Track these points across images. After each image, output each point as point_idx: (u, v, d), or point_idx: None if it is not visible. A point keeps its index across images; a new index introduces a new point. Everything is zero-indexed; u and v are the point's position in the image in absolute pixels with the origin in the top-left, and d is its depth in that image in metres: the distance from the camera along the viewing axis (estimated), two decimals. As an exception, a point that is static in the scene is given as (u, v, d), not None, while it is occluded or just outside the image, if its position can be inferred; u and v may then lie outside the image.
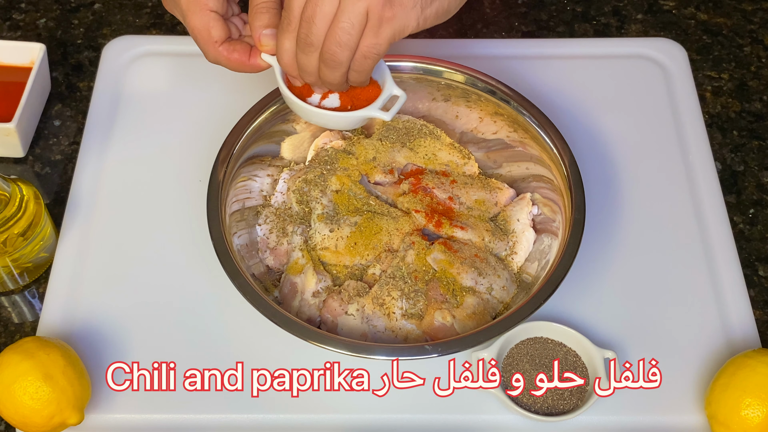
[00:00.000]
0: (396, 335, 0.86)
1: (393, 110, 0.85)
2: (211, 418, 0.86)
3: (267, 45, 0.84)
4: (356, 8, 0.75)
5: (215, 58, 0.86)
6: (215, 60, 0.86)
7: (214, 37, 0.84)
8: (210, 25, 0.83)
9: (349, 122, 0.86)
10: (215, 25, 0.84)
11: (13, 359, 0.81)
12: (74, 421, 0.81)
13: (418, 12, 0.77)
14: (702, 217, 0.98)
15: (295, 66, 0.81)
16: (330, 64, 0.78)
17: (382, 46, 0.78)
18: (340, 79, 0.80)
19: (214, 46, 0.85)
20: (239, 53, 0.85)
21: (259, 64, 0.86)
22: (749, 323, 0.91)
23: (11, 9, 1.17)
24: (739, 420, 0.81)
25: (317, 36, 0.77)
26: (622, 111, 1.06)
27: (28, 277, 0.94)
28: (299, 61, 0.80)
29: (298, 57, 0.80)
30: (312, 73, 0.80)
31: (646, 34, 1.15)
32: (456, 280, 0.88)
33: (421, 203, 0.93)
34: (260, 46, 0.84)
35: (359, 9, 0.75)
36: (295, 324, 0.82)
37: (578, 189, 0.89)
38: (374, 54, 0.78)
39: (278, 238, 0.93)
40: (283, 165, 0.99)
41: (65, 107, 1.08)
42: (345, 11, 0.75)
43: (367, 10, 0.75)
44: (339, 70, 0.79)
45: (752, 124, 1.08)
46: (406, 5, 0.77)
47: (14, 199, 0.88)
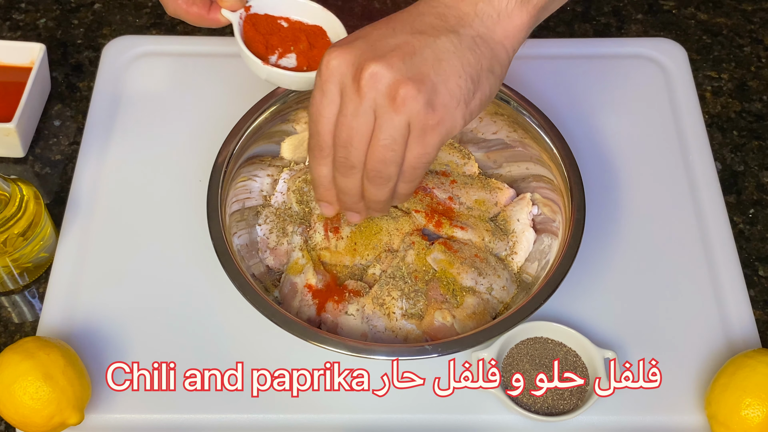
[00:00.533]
0: (396, 335, 0.86)
1: None
2: (211, 418, 0.86)
3: (227, 1, 0.83)
4: (395, 122, 0.69)
5: (174, 10, 0.85)
6: (174, 12, 0.85)
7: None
8: None
9: (305, 82, 0.86)
10: None
11: (13, 359, 0.81)
12: (74, 421, 0.81)
13: (462, 109, 0.71)
14: (702, 217, 0.98)
15: (334, 192, 0.76)
16: (376, 182, 0.73)
17: (431, 154, 0.71)
18: (388, 195, 0.74)
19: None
20: (198, 7, 0.84)
21: (219, 19, 0.85)
22: (749, 323, 0.91)
23: (11, 9, 1.17)
24: (739, 420, 0.81)
25: (358, 157, 0.72)
26: (622, 111, 1.06)
27: (28, 277, 0.94)
28: (340, 185, 0.75)
29: (338, 181, 0.75)
30: (355, 194, 0.75)
31: (646, 34, 1.15)
32: (456, 280, 0.88)
33: (421, 203, 0.93)
34: (221, 2, 0.83)
35: (399, 122, 0.69)
36: (295, 324, 0.82)
37: (578, 189, 0.89)
38: (424, 163, 0.72)
39: (278, 238, 0.93)
40: (283, 165, 0.99)
41: (65, 107, 1.08)
42: (383, 127, 0.69)
43: (408, 122, 0.69)
44: (387, 186, 0.73)
45: (752, 124, 1.08)
46: (449, 106, 0.70)
47: (14, 199, 0.88)
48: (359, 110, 0.70)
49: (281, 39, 0.88)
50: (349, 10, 1.17)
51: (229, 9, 0.84)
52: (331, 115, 0.72)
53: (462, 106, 0.71)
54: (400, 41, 0.70)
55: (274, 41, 0.87)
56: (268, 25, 0.88)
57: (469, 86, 0.71)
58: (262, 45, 0.86)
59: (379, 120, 0.70)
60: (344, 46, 0.71)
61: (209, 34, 1.12)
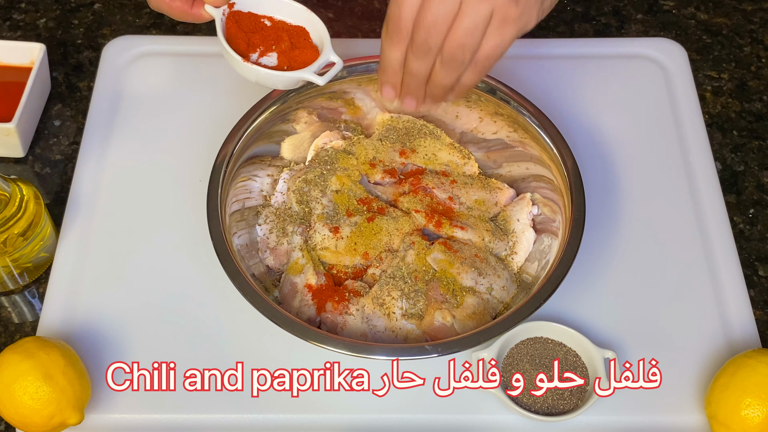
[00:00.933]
0: (396, 335, 0.86)
1: (327, 76, 0.86)
2: (211, 418, 0.86)
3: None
4: (480, 8, 0.72)
5: (157, 5, 0.85)
6: (158, 7, 0.85)
7: None
8: None
9: (284, 82, 0.86)
10: None
11: (13, 359, 0.81)
12: (74, 421, 0.81)
13: (539, 7, 0.75)
14: (702, 217, 0.98)
15: (400, 76, 0.79)
16: (449, 66, 0.75)
17: (506, 45, 0.75)
18: (453, 82, 0.77)
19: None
20: (181, 1, 0.84)
21: (202, 15, 0.85)
22: (749, 323, 0.91)
23: (11, 9, 1.17)
24: (739, 420, 0.81)
25: (437, 41, 0.74)
26: (622, 111, 1.06)
27: (28, 277, 0.94)
28: (412, 67, 0.77)
29: (410, 64, 0.77)
30: (423, 78, 0.78)
31: (646, 34, 1.15)
32: (456, 280, 0.88)
33: (421, 203, 0.93)
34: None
35: (484, 9, 0.72)
36: (295, 324, 0.82)
37: (578, 189, 0.89)
38: (498, 53, 0.75)
39: (278, 238, 0.93)
40: (283, 165, 0.99)
41: (65, 107, 1.08)
42: (468, 12, 0.72)
43: (492, 10, 0.72)
44: (457, 71, 0.76)
45: (752, 124, 1.08)
46: (529, 2, 0.74)
47: (14, 199, 0.88)
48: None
49: (263, 37, 0.88)
50: (349, 10, 1.17)
51: (213, 5, 0.84)
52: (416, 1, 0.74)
53: (538, 5, 0.75)
54: None
55: (256, 39, 0.88)
56: (251, 23, 0.88)
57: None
58: (243, 42, 0.87)
59: (464, 6, 0.72)
60: None
61: (209, 34, 1.12)
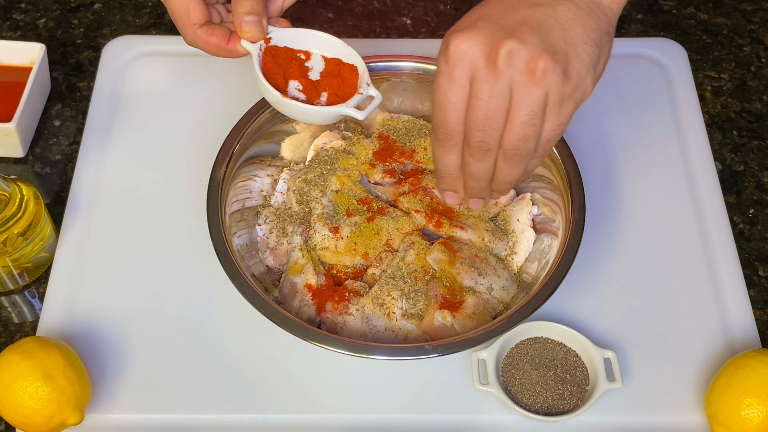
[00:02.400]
0: (396, 335, 0.86)
1: (368, 110, 0.84)
2: (211, 418, 0.86)
3: (248, 32, 0.82)
4: (534, 96, 0.68)
5: (193, 40, 0.84)
6: (193, 42, 0.84)
7: (193, 20, 0.83)
8: (190, 7, 0.82)
9: (323, 117, 0.85)
10: (195, 8, 0.82)
11: (13, 359, 0.81)
12: (74, 421, 0.81)
13: (592, 74, 0.71)
14: (702, 217, 0.98)
15: (460, 180, 0.76)
16: (514, 161, 0.72)
17: (565, 124, 0.71)
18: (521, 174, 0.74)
19: (193, 28, 0.83)
20: (218, 37, 0.83)
21: (238, 50, 0.84)
22: (749, 323, 0.91)
23: (11, 9, 1.17)
24: (739, 420, 0.81)
25: (495, 138, 0.71)
26: (622, 111, 1.06)
27: (28, 277, 0.94)
28: (473, 170, 0.74)
29: (471, 167, 0.74)
30: (486, 178, 0.74)
31: (646, 34, 1.15)
32: (456, 280, 0.88)
33: (421, 203, 0.93)
34: (241, 33, 0.82)
35: (538, 96, 0.68)
36: (295, 324, 0.82)
37: (578, 189, 0.89)
38: (558, 134, 0.71)
39: (278, 238, 0.93)
40: (283, 165, 0.99)
41: (65, 107, 1.08)
42: (522, 102, 0.69)
43: (546, 94, 0.69)
44: (523, 164, 0.72)
45: (752, 124, 1.08)
46: (581, 73, 0.70)
47: (14, 199, 0.88)
48: (495, 90, 0.69)
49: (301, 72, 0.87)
50: (349, 10, 1.17)
51: (250, 40, 0.83)
52: (461, 101, 0.70)
53: (591, 72, 0.71)
54: (522, 16, 0.70)
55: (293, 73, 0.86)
56: (288, 57, 0.87)
57: (594, 51, 0.71)
58: (281, 77, 0.85)
59: (517, 97, 0.69)
60: (468, 29, 0.70)
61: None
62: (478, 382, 0.84)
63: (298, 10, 1.16)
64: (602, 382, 0.84)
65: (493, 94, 0.69)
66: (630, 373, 0.87)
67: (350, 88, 0.86)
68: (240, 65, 1.05)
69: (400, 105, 1.00)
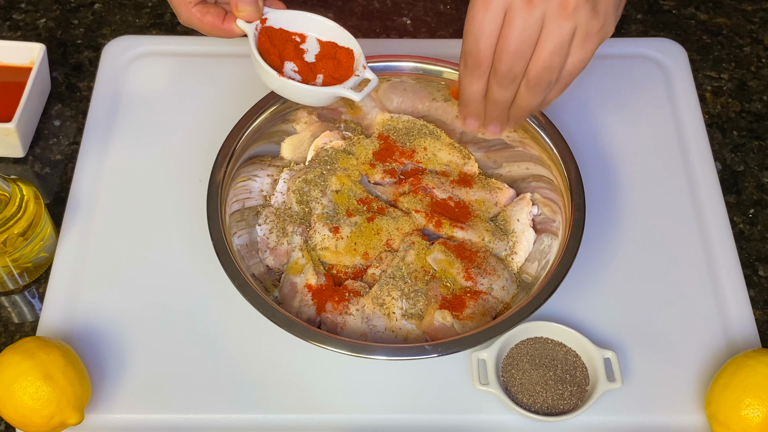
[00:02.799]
0: (396, 335, 0.86)
1: (364, 92, 0.84)
2: (211, 418, 0.86)
3: (244, 11, 0.81)
4: (564, 28, 0.71)
5: (188, 19, 0.84)
6: (188, 21, 0.84)
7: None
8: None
9: (318, 97, 0.86)
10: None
11: (13, 359, 0.81)
12: (74, 421, 0.81)
13: (615, 13, 0.74)
14: (702, 217, 0.98)
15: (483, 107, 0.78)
16: (536, 89, 0.75)
17: (589, 58, 0.74)
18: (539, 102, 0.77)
19: (188, 6, 0.83)
20: (213, 16, 0.83)
21: (233, 30, 0.84)
22: (749, 323, 0.91)
23: (11, 9, 1.17)
24: (739, 420, 0.81)
25: (521, 66, 0.73)
26: (622, 111, 1.06)
27: (28, 277, 0.94)
28: (496, 96, 0.76)
29: (495, 94, 0.76)
30: (507, 104, 0.77)
31: (646, 34, 1.15)
32: (456, 280, 0.88)
33: (421, 203, 0.93)
34: (237, 12, 0.82)
35: (567, 28, 0.71)
36: (295, 324, 0.82)
37: (578, 189, 0.89)
38: (582, 67, 0.74)
39: (278, 238, 0.93)
40: (283, 165, 0.99)
41: (65, 107, 1.08)
42: (552, 33, 0.71)
43: (575, 26, 0.71)
44: (545, 92, 0.75)
45: (752, 124, 1.08)
46: (608, 11, 0.73)
47: (14, 199, 0.88)
48: (530, 21, 0.71)
49: (296, 53, 0.87)
50: (349, 10, 1.17)
51: (245, 20, 0.83)
52: (495, 30, 0.73)
53: (615, 11, 0.74)
54: None
55: (289, 54, 0.86)
56: (284, 39, 0.87)
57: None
58: (276, 58, 0.85)
59: (547, 28, 0.71)
60: None
61: (209, 34, 1.12)
62: (478, 382, 0.84)
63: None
64: (602, 382, 0.84)
65: (527, 25, 0.71)
66: (630, 373, 0.88)
67: (346, 70, 0.86)
68: (239, 65, 1.06)
69: (400, 105, 1.00)
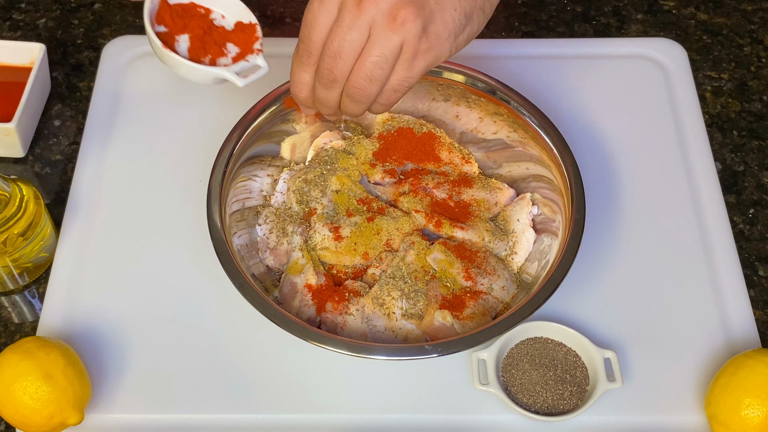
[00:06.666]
0: (396, 335, 0.86)
1: (249, 79, 0.84)
2: (211, 418, 0.86)
3: None
4: (390, 41, 0.71)
5: None
6: None
7: None
8: None
9: (200, 75, 0.85)
10: None
11: (13, 359, 0.81)
12: (74, 421, 0.81)
13: (451, 41, 0.74)
14: (702, 217, 0.98)
15: (312, 99, 0.78)
16: (356, 99, 0.74)
17: (414, 79, 0.74)
18: (362, 112, 0.77)
19: None
20: None
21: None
22: (749, 323, 0.91)
23: (11, 9, 1.17)
24: (739, 420, 0.81)
25: (343, 71, 0.73)
26: (622, 111, 1.06)
27: (28, 277, 0.94)
28: (319, 95, 0.76)
29: (317, 91, 0.76)
30: (332, 107, 0.77)
31: (646, 34, 1.15)
32: (456, 280, 0.88)
33: (421, 203, 0.93)
34: None
35: (394, 42, 0.71)
36: (295, 324, 0.82)
37: (578, 189, 0.89)
38: (405, 87, 0.74)
39: (278, 238, 0.93)
40: (283, 165, 0.99)
41: (65, 107, 1.08)
42: (377, 44, 0.71)
43: (402, 43, 0.71)
44: (365, 104, 0.75)
45: (752, 124, 1.08)
46: (441, 35, 0.72)
47: (14, 199, 0.88)
48: (356, 23, 0.71)
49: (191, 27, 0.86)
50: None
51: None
52: (326, 25, 0.72)
53: (452, 39, 0.73)
54: None
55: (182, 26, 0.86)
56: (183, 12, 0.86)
57: (461, 20, 0.73)
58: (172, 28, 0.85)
59: (373, 37, 0.71)
60: None
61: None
62: (478, 382, 0.84)
63: (298, 10, 1.16)
64: (602, 382, 0.84)
65: (353, 27, 0.71)
66: (630, 373, 0.88)
67: (240, 55, 0.86)
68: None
69: (400, 105, 1.00)
